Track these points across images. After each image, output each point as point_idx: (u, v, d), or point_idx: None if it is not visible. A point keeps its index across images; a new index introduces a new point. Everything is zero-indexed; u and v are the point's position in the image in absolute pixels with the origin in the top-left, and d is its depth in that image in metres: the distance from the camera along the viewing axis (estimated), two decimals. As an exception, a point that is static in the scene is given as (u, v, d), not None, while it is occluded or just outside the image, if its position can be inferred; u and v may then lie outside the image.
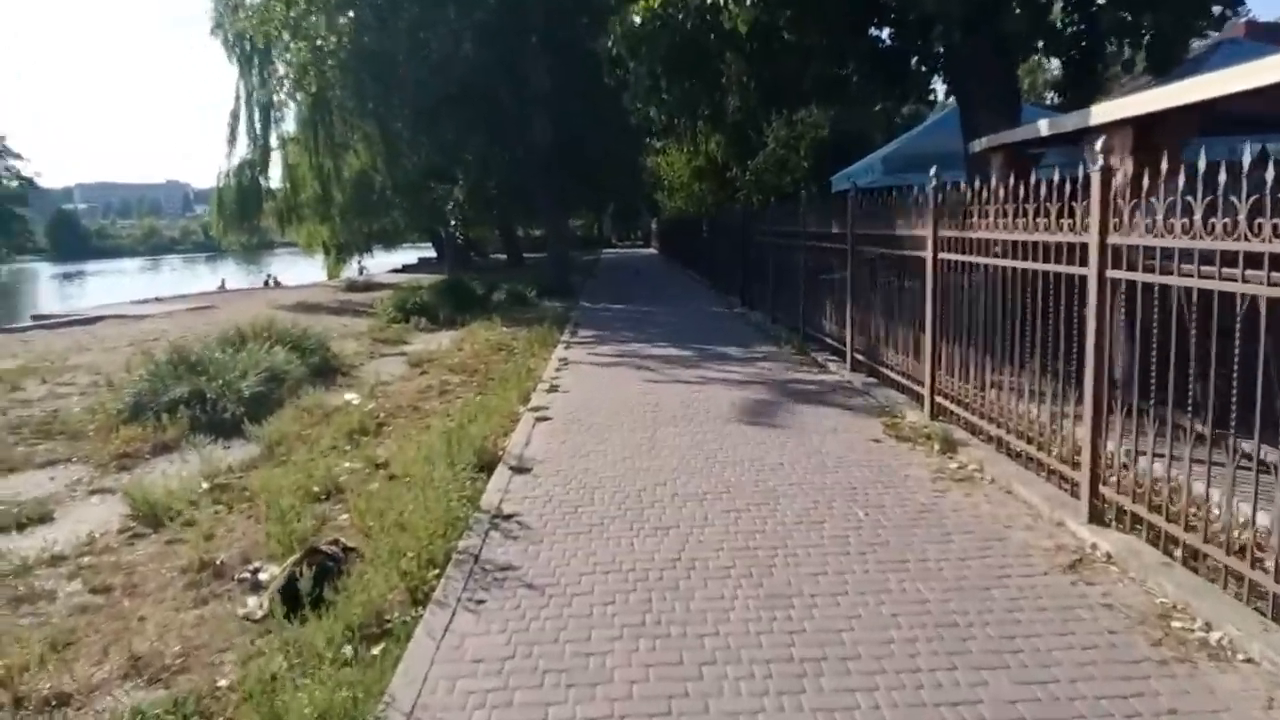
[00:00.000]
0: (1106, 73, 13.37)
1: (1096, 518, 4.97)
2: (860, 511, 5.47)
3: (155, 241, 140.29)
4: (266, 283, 41.67)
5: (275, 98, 26.05)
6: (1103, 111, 6.79)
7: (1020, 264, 5.83)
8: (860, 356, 9.78)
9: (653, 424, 8.01)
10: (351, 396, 10.95)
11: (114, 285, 54.02)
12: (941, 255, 7.20)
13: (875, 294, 9.16)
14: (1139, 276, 4.57)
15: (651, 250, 55.30)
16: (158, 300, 28.23)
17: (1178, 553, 4.43)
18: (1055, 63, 40.92)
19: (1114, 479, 4.86)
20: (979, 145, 9.97)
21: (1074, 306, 5.33)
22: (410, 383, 11.55)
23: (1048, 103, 31.26)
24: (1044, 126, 8.00)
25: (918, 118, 47.00)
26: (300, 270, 46.77)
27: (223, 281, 42.27)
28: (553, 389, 9.88)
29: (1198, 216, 4.04)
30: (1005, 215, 5.96)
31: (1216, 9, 9.26)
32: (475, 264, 42.32)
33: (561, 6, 21.49)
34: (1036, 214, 5.52)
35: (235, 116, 29.25)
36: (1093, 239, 4.89)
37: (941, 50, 9.63)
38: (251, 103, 28.21)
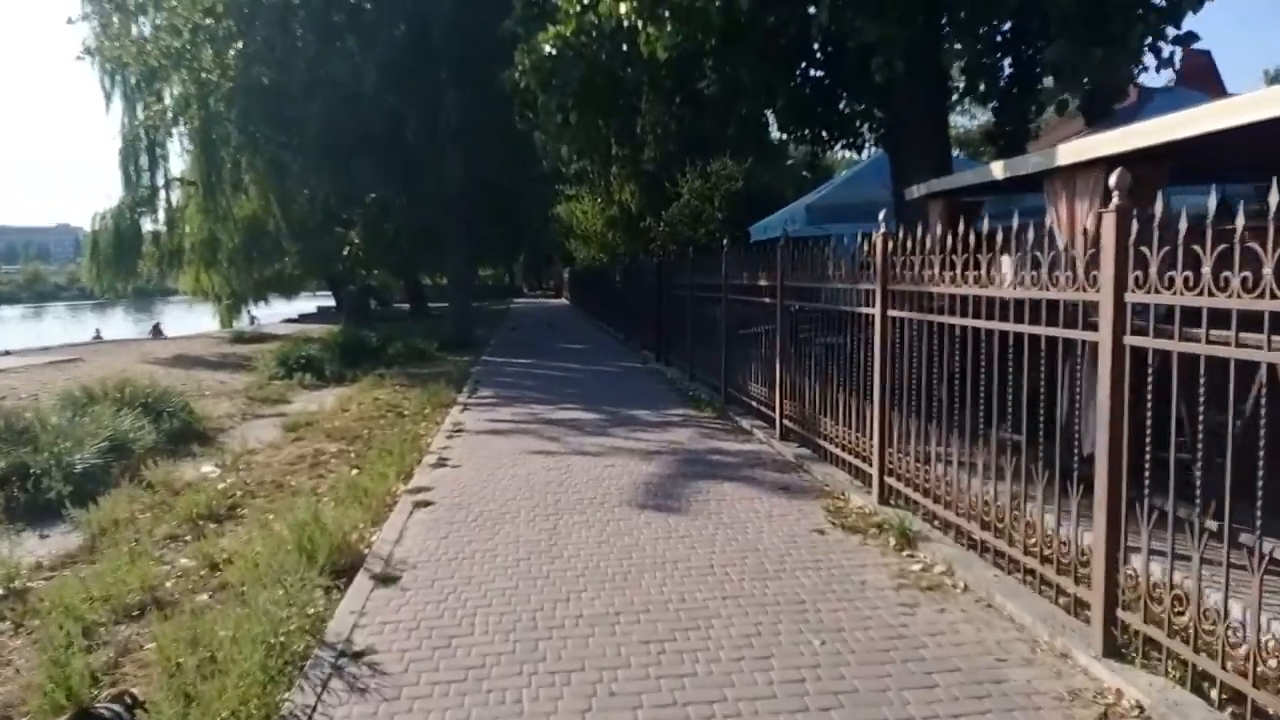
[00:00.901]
0: (1036, 120, 12.86)
1: (1113, 651, 3.90)
2: (815, 640, 4.29)
3: (40, 288, 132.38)
4: (155, 332, 39.05)
5: (157, 134, 24.11)
6: (1073, 151, 5.94)
7: (999, 325, 4.82)
8: (791, 424, 8.71)
9: (555, 510, 6.72)
10: (208, 469, 9.52)
11: (-13, 335, 50.05)
12: (892, 313, 6.19)
13: (809, 354, 8.12)
14: (1177, 346, 3.56)
15: (563, 301, 54.19)
16: (7, 353, 25.58)
17: (1214, 693, 3.41)
18: (964, 121, 41.76)
19: (1139, 601, 3.81)
20: (917, 191, 9.16)
21: (1074, 376, 4.34)
22: (281, 451, 10.10)
23: (958, 156, 31.45)
24: (998, 169, 7.15)
25: (826, 174, 47.47)
26: (193, 319, 43.98)
27: (97, 331, 39.25)
28: (440, 463, 8.53)
29: (1268, 270, 3.05)
30: (978, 268, 4.96)
31: (1167, 49, 8.67)
32: (377, 313, 40.50)
33: (474, 42, 20.38)
34: (1023, 266, 4.52)
35: (124, 155, 27.24)
36: (1105, 296, 3.89)
37: (878, 84, 8.79)
38: (133, 139, 26.22)
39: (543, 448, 9.18)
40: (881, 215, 6.42)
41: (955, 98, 11.16)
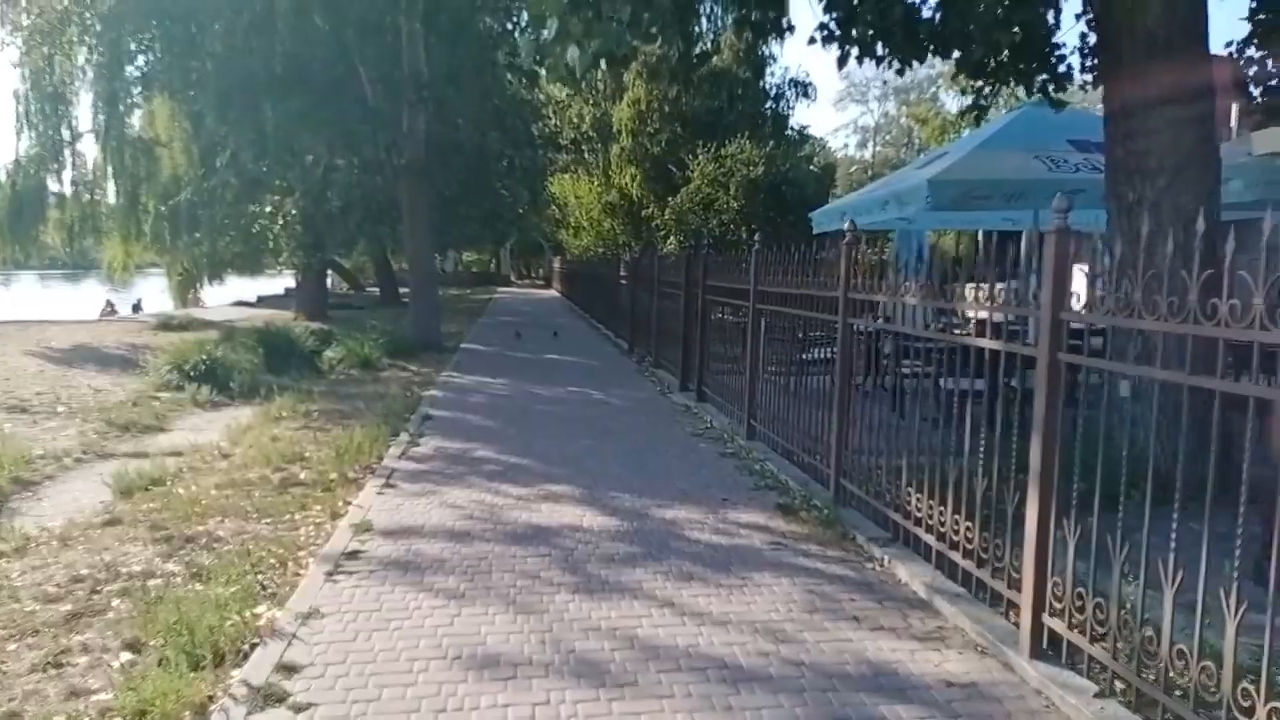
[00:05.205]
0: None
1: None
2: None
3: (9, 255, 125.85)
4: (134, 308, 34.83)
5: (49, 63, 18.93)
6: None
7: None
8: (1091, 644, 3.78)
9: None
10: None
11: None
12: None
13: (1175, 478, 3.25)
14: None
15: (552, 292, 49.15)
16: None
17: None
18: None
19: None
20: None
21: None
22: (58, 558, 5.78)
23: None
24: None
25: (830, 168, 42.59)
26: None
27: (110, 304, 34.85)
28: (273, 695, 3.64)
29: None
30: None
31: None
32: (344, 299, 35.67)
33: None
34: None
35: (19, 98, 22.18)
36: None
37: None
38: (35, 74, 21.14)
39: (502, 648, 4.18)
40: None
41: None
